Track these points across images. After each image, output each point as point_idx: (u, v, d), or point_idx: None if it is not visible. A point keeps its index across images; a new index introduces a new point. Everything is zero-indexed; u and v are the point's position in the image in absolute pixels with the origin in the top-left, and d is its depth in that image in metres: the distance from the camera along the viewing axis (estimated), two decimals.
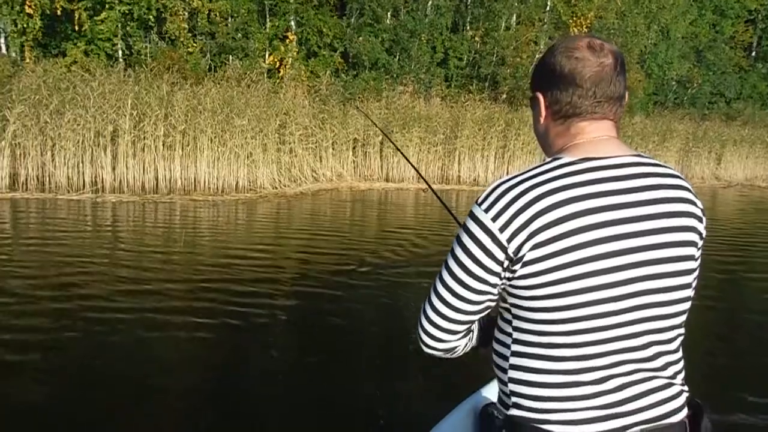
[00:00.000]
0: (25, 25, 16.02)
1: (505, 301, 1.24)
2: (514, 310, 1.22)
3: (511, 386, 1.23)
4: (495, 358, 1.30)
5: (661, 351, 1.20)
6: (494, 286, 1.20)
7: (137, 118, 11.55)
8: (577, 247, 1.11)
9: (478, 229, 1.18)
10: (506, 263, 1.16)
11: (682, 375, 1.25)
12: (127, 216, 10.04)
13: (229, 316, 5.31)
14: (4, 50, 16.45)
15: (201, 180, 12.23)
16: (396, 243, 8.68)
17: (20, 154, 10.91)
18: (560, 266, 1.12)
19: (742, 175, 21.70)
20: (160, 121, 11.70)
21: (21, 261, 6.85)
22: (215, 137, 12.14)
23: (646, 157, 1.22)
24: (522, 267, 1.14)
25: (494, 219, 1.16)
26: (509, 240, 1.14)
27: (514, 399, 1.23)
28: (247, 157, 12.65)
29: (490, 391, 2.67)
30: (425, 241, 9.06)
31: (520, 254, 1.13)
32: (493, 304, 1.26)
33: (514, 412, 1.23)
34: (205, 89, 12.86)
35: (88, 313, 5.19)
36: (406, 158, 2.88)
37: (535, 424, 1.19)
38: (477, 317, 1.27)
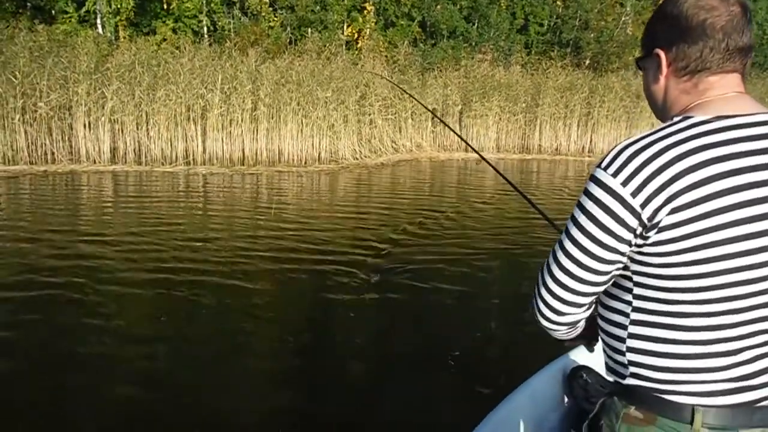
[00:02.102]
0: (118, 6, 16.83)
1: (626, 268, 1.17)
2: (638, 278, 1.15)
3: (630, 356, 1.17)
4: (606, 326, 1.24)
5: None
6: (623, 254, 1.13)
7: (226, 93, 11.95)
8: (718, 212, 1.05)
9: (605, 194, 1.10)
10: (639, 230, 1.09)
11: None
12: (217, 186, 10.51)
13: (316, 280, 5.52)
14: (100, 30, 17.36)
15: (285, 152, 12.57)
16: (477, 210, 8.66)
17: (118, 129, 11.57)
18: (700, 231, 1.05)
19: None
20: (248, 95, 12.06)
21: (120, 227, 7.33)
22: (299, 109, 12.41)
23: None
24: (657, 233, 1.08)
25: (624, 183, 1.08)
26: (643, 205, 1.07)
27: (633, 369, 1.18)
28: (329, 129, 12.87)
29: (578, 355, 2.68)
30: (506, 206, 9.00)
31: (656, 220, 1.07)
32: (618, 273, 1.18)
33: (632, 381, 1.18)
34: (287, 62, 13.14)
35: (183, 276, 5.53)
36: (450, 127, 2.86)
37: (659, 394, 1.15)
38: (603, 288, 1.20)
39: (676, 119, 1.13)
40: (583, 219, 1.13)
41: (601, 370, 2.51)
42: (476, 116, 15.46)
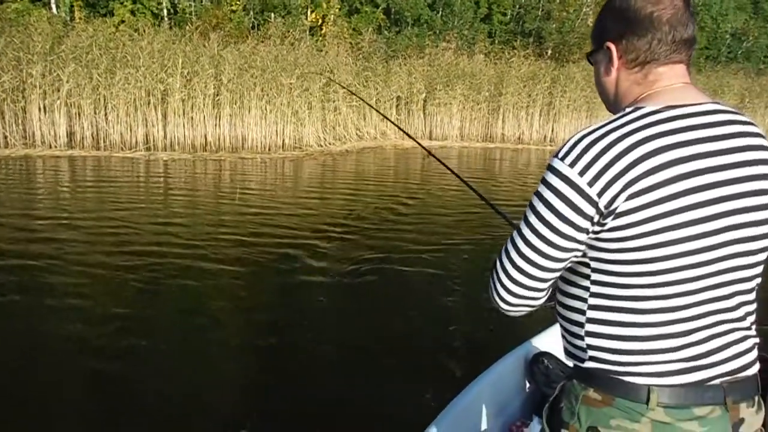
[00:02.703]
0: None
1: (584, 255, 1.20)
2: (595, 264, 1.18)
3: (589, 340, 1.20)
4: (565, 312, 1.27)
5: (743, 301, 1.19)
6: (581, 242, 1.16)
7: (187, 77, 11.72)
8: (672, 197, 1.09)
9: (563, 184, 1.13)
10: (596, 218, 1.12)
11: (754, 326, 1.23)
12: (179, 172, 10.34)
13: (278, 265, 5.51)
14: (54, 10, 16.78)
15: (249, 138, 12.42)
16: (440, 197, 8.74)
17: (75, 113, 11.24)
18: (655, 216, 1.09)
19: None
20: (210, 80, 11.86)
21: (80, 212, 7.16)
22: (263, 95, 12.26)
23: (724, 104, 1.19)
24: (614, 219, 1.11)
25: (582, 173, 1.11)
26: (600, 194, 1.10)
27: (591, 353, 1.20)
28: (293, 115, 12.76)
29: (540, 341, 2.77)
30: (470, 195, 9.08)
31: (614, 206, 1.10)
32: (577, 260, 1.21)
33: (591, 364, 1.21)
34: (250, 47, 12.95)
35: (142, 260, 5.45)
36: (387, 118, 2.88)
37: (617, 376, 1.18)
38: (560, 273, 1.23)
39: (628, 110, 1.16)
40: (541, 208, 1.16)
41: (562, 355, 2.60)
42: (440, 104, 15.53)
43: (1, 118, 10.65)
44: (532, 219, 1.18)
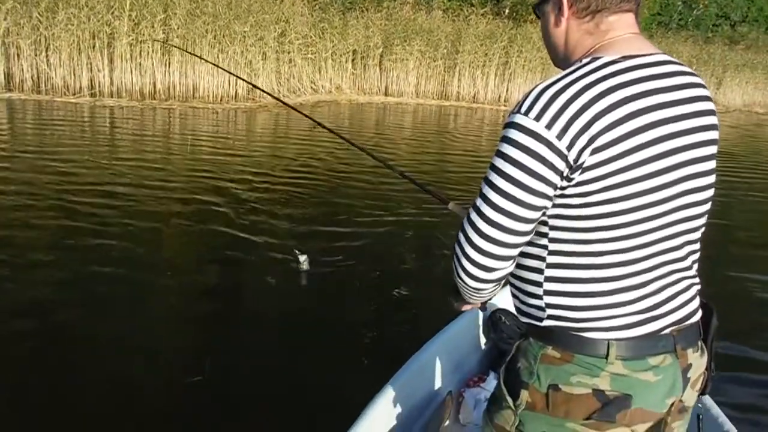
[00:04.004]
0: None
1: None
2: (554, 221, 1.16)
3: (548, 299, 1.20)
4: (520, 272, 1.26)
5: (691, 250, 1.23)
6: (551, 198, 1.13)
7: (135, 21, 11.18)
8: (633, 150, 1.08)
9: (530, 140, 1.09)
10: (566, 172, 1.09)
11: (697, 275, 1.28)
12: (126, 119, 9.97)
13: (224, 222, 5.46)
14: None
15: (200, 87, 12.03)
16: (393, 152, 8.73)
17: (14, 54, 10.61)
18: (618, 170, 1.08)
19: (741, 101, 21.63)
20: (158, 25, 11.35)
21: (17, 157, 6.86)
22: (215, 43, 11.84)
23: (670, 56, 1.21)
24: (580, 174, 1.09)
25: (549, 126, 1.08)
26: (569, 147, 1.08)
27: (550, 311, 1.20)
28: (247, 65, 12.40)
29: (496, 299, 2.84)
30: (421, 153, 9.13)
31: (581, 161, 1.08)
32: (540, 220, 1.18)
33: (549, 323, 1.21)
34: None
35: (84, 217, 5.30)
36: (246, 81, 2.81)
37: (576, 332, 1.18)
38: (529, 237, 1.18)
39: (585, 60, 1.15)
40: (508, 168, 1.11)
41: None
42: (397, 60, 15.34)
43: None
44: (498, 181, 1.12)
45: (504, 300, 2.74)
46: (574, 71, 1.12)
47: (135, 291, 4.05)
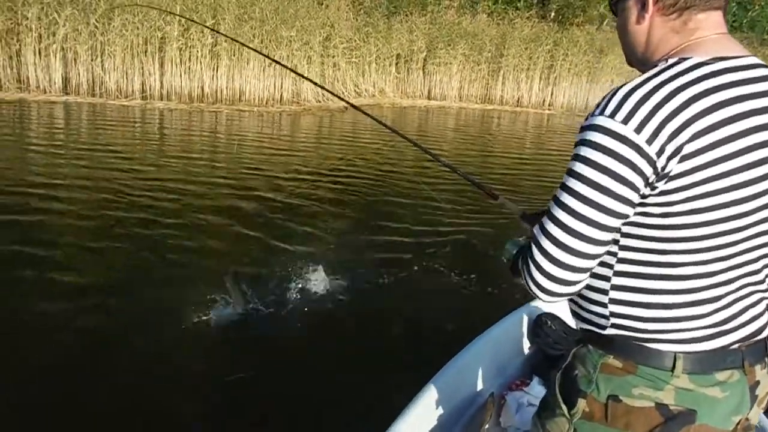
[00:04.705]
0: None
1: None
2: (627, 228, 1.11)
3: (613, 307, 1.16)
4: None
5: (766, 264, 1.18)
6: (634, 206, 1.06)
7: (185, 26, 11.49)
8: (723, 159, 1.02)
9: (616, 143, 1.02)
10: (651, 179, 1.03)
11: None
12: (175, 122, 10.25)
13: (269, 220, 5.54)
14: None
15: (247, 91, 12.27)
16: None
17: (72, 59, 11.03)
18: (705, 180, 1.02)
19: None
20: (207, 30, 11.62)
21: (73, 163, 7.11)
22: (262, 48, 12.06)
23: (759, 59, 1.14)
24: (666, 182, 1.03)
25: (638, 130, 1.01)
26: (659, 153, 1.01)
27: (615, 320, 1.16)
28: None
29: (541, 303, 2.82)
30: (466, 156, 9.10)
31: (667, 169, 1.02)
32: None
33: (612, 331, 1.17)
34: None
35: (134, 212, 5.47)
36: (305, 77, 2.82)
37: (641, 343, 1.14)
38: (608, 247, 1.12)
39: (671, 61, 1.08)
40: (591, 172, 1.04)
41: (566, 317, 2.66)
42: (440, 64, 15.34)
43: None
44: (579, 187, 1.06)
45: (550, 305, 2.72)
46: (662, 72, 1.06)
47: (175, 278, 4.18)
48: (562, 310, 2.66)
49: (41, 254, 4.41)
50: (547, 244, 1.10)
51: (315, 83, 2.53)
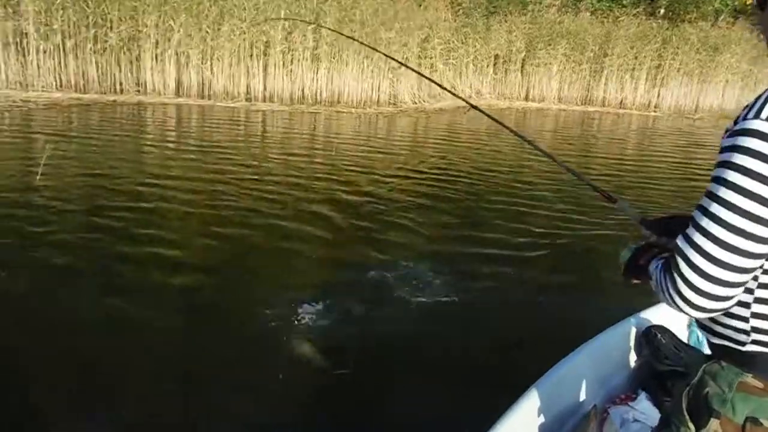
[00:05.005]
0: None
1: None
2: None
3: (756, 322, 1.09)
4: None
5: None
6: None
7: (288, 30, 11.90)
8: None
9: None
10: None
11: None
12: (277, 123, 10.66)
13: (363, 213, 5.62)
14: None
15: (345, 93, 12.54)
16: (531, 163, 8.53)
17: (184, 63, 11.72)
18: None
19: None
20: (310, 33, 11.99)
21: (184, 159, 7.55)
22: (361, 50, 12.28)
23: None
24: None
25: None
26: None
27: (756, 336, 1.09)
28: (390, 71, 12.73)
29: (652, 315, 2.69)
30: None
31: None
32: None
33: (753, 348, 1.10)
34: (351, 0, 12.93)
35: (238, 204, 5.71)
36: (431, 80, 2.75)
37: None
38: (762, 261, 1.04)
39: None
40: (746, 182, 0.97)
41: (676, 330, 2.53)
42: (540, 64, 14.99)
43: (117, 66, 11.25)
44: (732, 197, 0.98)
45: (660, 316, 2.59)
46: None
47: (274, 270, 4.37)
48: (673, 323, 2.53)
49: (157, 239, 4.77)
50: (696, 257, 1.02)
51: (440, 85, 2.59)
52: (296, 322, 3.72)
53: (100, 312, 3.65)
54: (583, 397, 2.36)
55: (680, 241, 1.06)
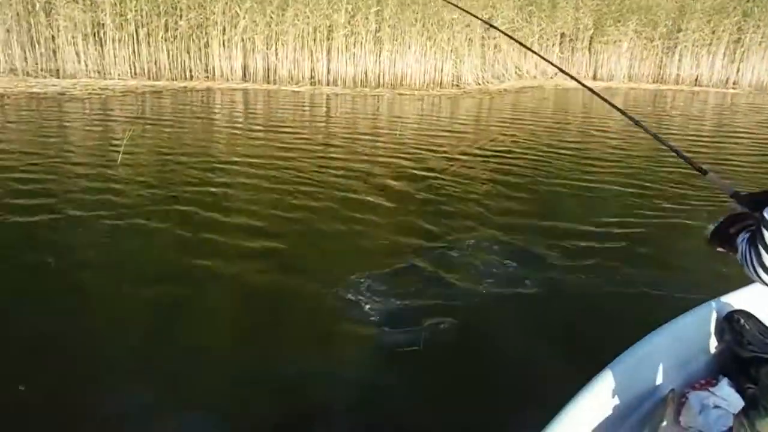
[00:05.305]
0: None
1: None
2: None
3: None
4: None
5: None
6: None
7: (351, 13, 11.94)
8: None
9: None
10: None
11: None
12: (341, 106, 10.77)
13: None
14: None
15: (407, 75, 12.50)
16: (602, 147, 8.29)
17: (250, 49, 11.96)
18: None
19: None
20: (372, 16, 11.99)
21: (251, 142, 7.73)
22: (424, 31, 12.20)
23: None
24: None
25: None
26: None
27: None
28: (453, 52, 12.59)
29: (734, 299, 2.58)
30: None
31: None
32: None
33: None
34: None
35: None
36: (538, 55, 2.61)
37: None
38: None
39: None
40: None
41: (763, 317, 2.43)
42: (608, 42, 14.47)
43: (187, 53, 11.60)
44: None
45: (744, 301, 2.50)
46: None
47: (335, 249, 4.48)
48: (758, 308, 2.43)
49: (222, 219, 4.94)
50: None
51: (552, 63, 2.47)
52: (361, 296, 3.75)
53: (179, 267, 4.04)
54: (660, 380, 2.31)
55: (767, 213, 1.04)
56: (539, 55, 2.82)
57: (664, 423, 2.16)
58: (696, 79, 14.97)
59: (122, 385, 2.89)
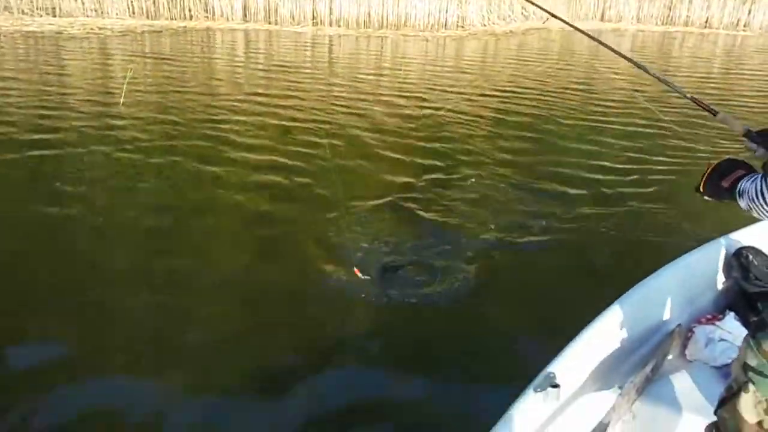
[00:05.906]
0: None
1: None
2: None
3: None
4: None
5: None
6: None
7: None
8: None
9: None
10: None
11: None
12: (342, 47, 10.55)
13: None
14: None
15: (412, 16, 12.22)
16: (604, 89, 8.16)
17: None
18: None
19: None
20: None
21: (252, 81, 7.62)
22: None
23: None
24: None
25: None
26: None
27: None
28: None
29: (742, 236, 2.58)
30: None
31: None
32: None
33: None
34: None
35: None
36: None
37: None
38: None
39: None
40: None
41: None
42: None
43: None
44: None
45: (752, 237, 2.51)
46: None
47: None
48: (766, 244, 2.45)
49: (226, 154, 4.91)
50: None
51: (542, 8, 2.39)
52: (355, 227, 3.70)
53: (181, 197, 4.09)
54: (667, 315, 2.35)
55: None
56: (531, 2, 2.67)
57: (670, 356, 2.20)
58: (706, 21, 14.64)
59: (129, 297, 2.92)
